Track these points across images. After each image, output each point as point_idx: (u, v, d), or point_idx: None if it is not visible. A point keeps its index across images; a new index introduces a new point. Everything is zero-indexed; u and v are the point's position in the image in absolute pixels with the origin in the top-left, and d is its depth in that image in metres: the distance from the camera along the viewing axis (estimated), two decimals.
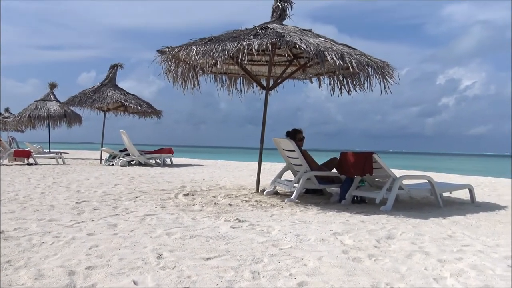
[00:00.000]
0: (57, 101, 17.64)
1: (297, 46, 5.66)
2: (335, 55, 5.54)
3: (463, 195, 6.77)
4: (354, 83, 6.87)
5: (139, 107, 14.97)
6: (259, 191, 6.76)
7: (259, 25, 6.24)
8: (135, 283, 2.45)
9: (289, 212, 5.00)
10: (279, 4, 6.67)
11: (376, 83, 6.07)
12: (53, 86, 18.14)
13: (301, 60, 7.39)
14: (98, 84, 15.16)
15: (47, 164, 13.39)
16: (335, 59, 5.49)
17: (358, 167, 5.59)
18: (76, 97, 14.80)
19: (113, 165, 13.14)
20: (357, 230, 4.01)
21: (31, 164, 13.13)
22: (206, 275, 2.60)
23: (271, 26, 6.20)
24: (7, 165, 12.66)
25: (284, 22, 6.62)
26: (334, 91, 7.24)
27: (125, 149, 13.80)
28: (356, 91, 6.86)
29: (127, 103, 14.74)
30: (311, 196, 6.42)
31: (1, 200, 5.40)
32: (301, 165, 6.05)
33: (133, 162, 13.33)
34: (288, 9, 6.71)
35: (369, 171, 5.52)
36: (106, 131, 15.54)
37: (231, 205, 5.41)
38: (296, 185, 5.93)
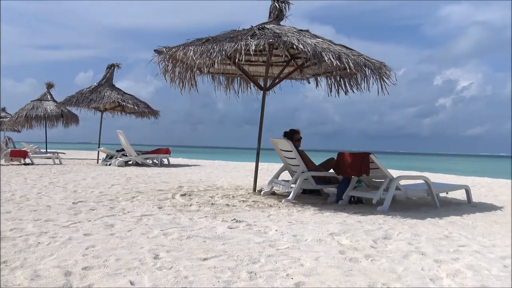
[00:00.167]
0: (54, 101, 17.58)
1: (295, 46, 5.67)
2: (332, 55, 5.55)
3: (460, 195, 6.80)
4: (352, 83, 6.90)
5: (136, 107, 14.94)
6: (256, 191, 6.76)
7: (256, 26, 6.25)
8: (131, 283, 2.45)
9: (286, 212, 5.00)
10: (277, 5, 6.68)
11: (373, 84, 6.09)
12: (49, 86, 18.09)
13: (299, 61, 7.39)
14: (95, 84, 15.13)
15: (43, 164, 13.36)
16: (333, 59, 5.50)
17: (355, 167, 5.60)
18: (73, 97, 14.76)
19: (110, 165, 13.12)
20: (354, 230, 4.01)
21: (28, 164, 13.08)
22: (203, 275, 2.60)
23: (268, 26, 6.21)
24: (3, 165, 12.61)
25: (282, 23, 6.63)
26: (331, 91, 7.25)
27: (122, 149, 13.78)
28: (353, 91, 6.90)
29: (124, 103, 14.72)
30: (308, 196, 6.42)
31: (0, 200, 5.38)
32: (298, 165, 6.06)
33: (130, 162, 13.31)
34: (286, 9, 6.73)
35: (366, 171, 5.53)
36: (103, 131, 15.54)
37: (228, 205, 5.41)
38: (293, 185, 5.94)
